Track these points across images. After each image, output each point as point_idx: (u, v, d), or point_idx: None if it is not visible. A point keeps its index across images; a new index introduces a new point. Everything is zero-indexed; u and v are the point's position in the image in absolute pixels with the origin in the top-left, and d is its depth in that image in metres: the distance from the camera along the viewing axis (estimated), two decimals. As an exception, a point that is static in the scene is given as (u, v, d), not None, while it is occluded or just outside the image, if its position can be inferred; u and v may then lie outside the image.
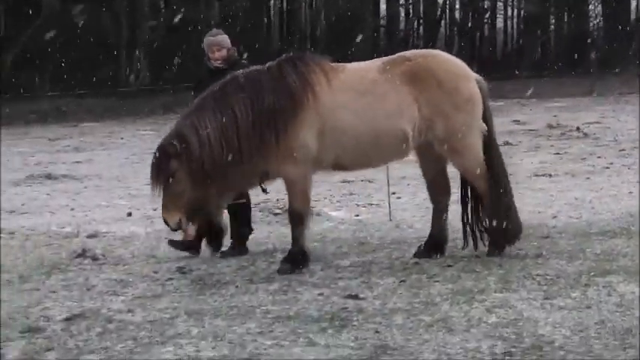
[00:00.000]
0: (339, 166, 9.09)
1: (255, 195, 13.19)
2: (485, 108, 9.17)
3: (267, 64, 8.84)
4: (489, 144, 9.15)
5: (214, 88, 8.72)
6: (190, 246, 9.66)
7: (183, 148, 8.44)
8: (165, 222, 8.62)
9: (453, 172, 9.37)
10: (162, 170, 8.48)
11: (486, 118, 9.17)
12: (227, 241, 9.77)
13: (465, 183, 9.29)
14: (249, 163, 8.60)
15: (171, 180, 8.45)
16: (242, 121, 8.51)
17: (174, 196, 8.49)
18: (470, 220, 9.26)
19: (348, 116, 8.68)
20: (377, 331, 6.74)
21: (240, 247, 9.75)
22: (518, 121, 26.09)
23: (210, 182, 8.53)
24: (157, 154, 8.55)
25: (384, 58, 9.12)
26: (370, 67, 8.96)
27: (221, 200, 8.87)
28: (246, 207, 9.85)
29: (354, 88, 8.75)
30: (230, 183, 8.72)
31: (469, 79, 9.05)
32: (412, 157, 9.32)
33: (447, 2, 48.56)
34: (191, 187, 8.49)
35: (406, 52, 9.37)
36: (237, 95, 8.58)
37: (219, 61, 9.59)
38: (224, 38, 9.69)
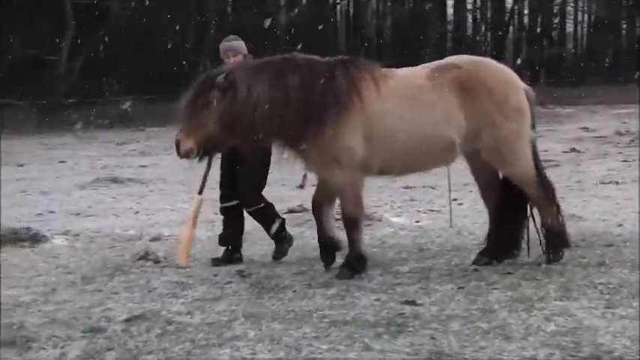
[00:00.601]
0: (385, 171, 9.09)
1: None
2: (532, 116, 9.08)
3: (325, 59, 8.89)
4: (533, 151, 9.08)
5: (274, 60, 8.78)
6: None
7: (230, 89, 8.51)
8: (177, 145, 8.60)
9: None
10: (200, 95, 8.54)
11: (532, 127, 9.09)
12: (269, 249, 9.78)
13: (506, 190, 9.19)
14: (279, 141, 8.71)
15: (204, 109, 8.51)
16: (292, 101, 8.55)
17: (197, 126, 8.51)
18: (515, 227, 9.18)
19: (395, 122, 8.67)
20: (433, 337, 6.70)
21: (281, 244, 9.80)
22: (587, 127, 25.86)
23: (236, 134, 8.60)
24: (204, 80, 8.65)
25: (433, 63, 9.09)
26: (419, 73, 8.94)
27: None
28: (264, 210, 9.80)
29: (402, 95, 8.75)
30: (250, 146, 8.83)
31: (518, 89, 9.00)
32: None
33: (516, 7, 48.20)
34: (216, 126, 8.52)
35: (454, 57, 9.28)
36: (294, 77, 8.61)
37: None
38: (240, 44, 9.65)
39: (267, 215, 9.79)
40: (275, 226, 9.78)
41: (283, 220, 9.93)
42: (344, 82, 8.64)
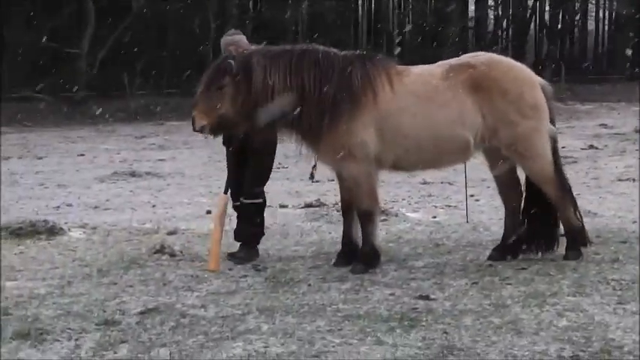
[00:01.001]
0: (399, 167, 9.13)
1: (335, 195, 13.35)
2: (550, 111, 9.08)
3: (342, 53, 8.93)
4: (554, 147, 9.10)
5: (293, 49, 8.85)
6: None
7: (244, 77, 8.60)
8: (193, 120, 8.73)
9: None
10: (214, 78, 8.69)
11: (552, 122, 9.09)
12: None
13: (530, 187, 9.21)
14: (291, 132, 8.79)
15: (218, 91, 8.64)
16: (307, 93, 8.62)
17: (212, 106, 8.64)
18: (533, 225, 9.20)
19: (407, 120, 8.71)
20: (445, 332, 6.75)
21: (249, 249, 9.59)
22: (606, 124, 25.78)
23: (248, 120, 8.69)
24: (220, 63, 8.75)
25: (448, 62, 9.11)
26: (434, 72, 8.95)
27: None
28: (259, 207, 9.66)
29: (416, 93, 8.78)
30: (261, 133, 8.92)
31: (534, 86, 9.01)
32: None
33: (537, 3, 48.03)
34: (230, 109, 8.65)
35: (469, 55, 9.29)
36: (310, 68, 8.68)
37: None
38: (241, 38, 9.61)
39: (258, 215, 9.65)
40: (258, 236, 9.70)
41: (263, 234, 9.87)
42: (359, 79, 8.69)
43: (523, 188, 9.29)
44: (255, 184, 9.53)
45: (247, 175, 9.50)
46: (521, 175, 9.30)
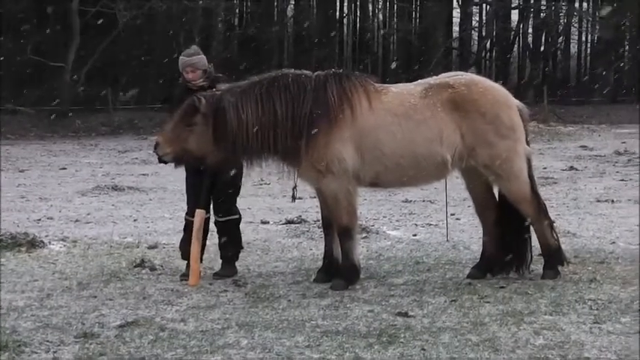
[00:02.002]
0: (377, 184, 9.19)
1: (316, 211, 13.37)
2: (526, 133, 9.20)
3: (315, 73, 9.01)
4: (529, 168, 9.22)
5: (262, 79, 8.93)
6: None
7: (217, 117, 8.71)
8: (156, 145, 8.90)
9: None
10: (186, 116, 8.78)
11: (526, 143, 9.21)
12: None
13: (505, 208, 9.27)
14: (270, 158, 8.88)
15: (187, 128, 8.75)
16: (280, 118, 8.71)
17: (180, 136, 8.78)
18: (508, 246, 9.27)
19: (385, 137, 8.79)
20: (423, 349, 6.80)
21: (228, 266, 9.58)
22: (586, 146, 25.96)
23: (217, 153, 8.81)
24: (192, 102, 8.78)
25: (426, 81, 9.21)
26: (413, 91, 9.03)
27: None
28: (236, 224, 9.65)
29: (393, 111, 8.85)
30: (237, 163, 9.11)
31: (510, 107, 9.12)
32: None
33: (521, 25, 48.30)
34: (196, 146, 8.78)
35: (448, 75, 9.39)
36: (281, 93, 8.77)
37: (193, 82, 9.38)
38: (200, 59, 9.45)
39: (236, 232, 9.66)
40: (238, 251, 9.71)
41: (242, 248, 9.88)
42: (335, 95, 8.77)
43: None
44: (226, 200, 9.52)
45: (218, 194, 9.46)
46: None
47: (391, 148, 8.80)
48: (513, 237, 9.25)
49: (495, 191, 9.35)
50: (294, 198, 9.09)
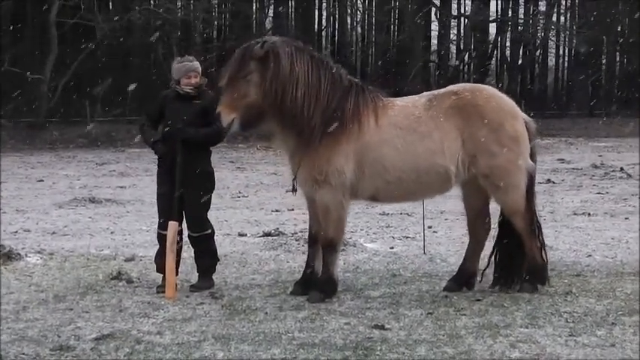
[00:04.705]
0: (378, 199, 9.21)
1: (294, 224, 13.39)
2: (532, 148, 9.14)
3: (347, 75, 9.04)
4: (531, 183, 9.16)
5: (311, 52, 8.94)
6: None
7: (269, 60, 8.63)
8: (218, 116, 8.67)
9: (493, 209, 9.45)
10: (241, 64, 8.67)
11: (532, 158, 9.16)
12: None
13: (504, 221, 9.29)
14: (291, 131, 8.80)
15: (243, 80, 8.63)
16: (322, 89, 8.74)
17: (238, 96, 8.63)
18: (504, 259, 9.29)
19: (389, 152, 8.80)
20: (399, 361, 6.82)
21: (204, 279, 9.58)
22: (563, 159, 26.09)
23: (276, 106, 8.69)
24: (242, 51, 8.73)
25: (432, 92, 9.23)
26: (417, 103, 9.04)
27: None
28: (210, 238, 9.63)
29: (398, 125, 8.86)
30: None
31: (516, 117, 9.05)
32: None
33: (499, 39, 48.53)
34: (258, 96, 8.65)
35: (455, 85, 9.41)
36: (327, 70, 8.83)
37: (191, 87, 9.39)
38: (199, 65, 9.53)
39: (211, 245, 9.65)
40: (215, 263, 9.70)
41: (218, 260, 9.87)
42: (352, 105, 8.81)
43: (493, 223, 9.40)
44: (198, 216, 9.50)
45: (189, 209, 9.43)
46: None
47: (392, 162, 8.81)
48: (507, 253, 9.25)
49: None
50: (294, 189, 9.09)
